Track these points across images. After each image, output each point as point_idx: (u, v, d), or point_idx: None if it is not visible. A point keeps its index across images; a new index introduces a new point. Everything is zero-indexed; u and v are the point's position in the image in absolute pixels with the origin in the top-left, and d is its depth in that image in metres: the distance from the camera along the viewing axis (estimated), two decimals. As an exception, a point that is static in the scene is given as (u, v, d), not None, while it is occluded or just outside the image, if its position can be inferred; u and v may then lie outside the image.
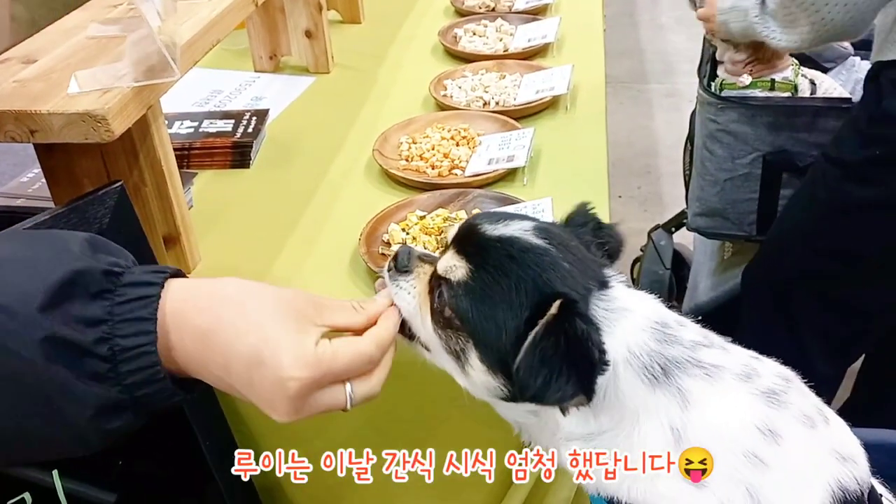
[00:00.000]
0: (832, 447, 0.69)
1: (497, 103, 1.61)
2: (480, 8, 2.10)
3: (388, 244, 1.21)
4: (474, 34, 1.93)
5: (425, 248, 1.19)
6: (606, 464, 0.69)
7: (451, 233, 0.77)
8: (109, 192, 1.02)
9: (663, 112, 3.94)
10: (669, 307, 0.75)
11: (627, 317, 0.69)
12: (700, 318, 0.76)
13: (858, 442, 0.71)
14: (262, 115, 1.54)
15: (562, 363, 0.63)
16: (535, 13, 2.03)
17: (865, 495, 0.68)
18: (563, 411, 0.68)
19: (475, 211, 1.26)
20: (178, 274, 0.61)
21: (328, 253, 1.23)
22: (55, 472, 0.99)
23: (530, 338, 0.64)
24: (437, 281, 0.73)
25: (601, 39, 1.94)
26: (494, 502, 1.14)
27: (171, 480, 1.13)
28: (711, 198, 1.98)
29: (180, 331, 0.57)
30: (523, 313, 0.66)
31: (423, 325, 0.74)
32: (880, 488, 0.72)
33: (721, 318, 1.29)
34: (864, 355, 1.86)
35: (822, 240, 1.57)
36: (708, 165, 1.97)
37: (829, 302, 1.58)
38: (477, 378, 0.71)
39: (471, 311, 0.68)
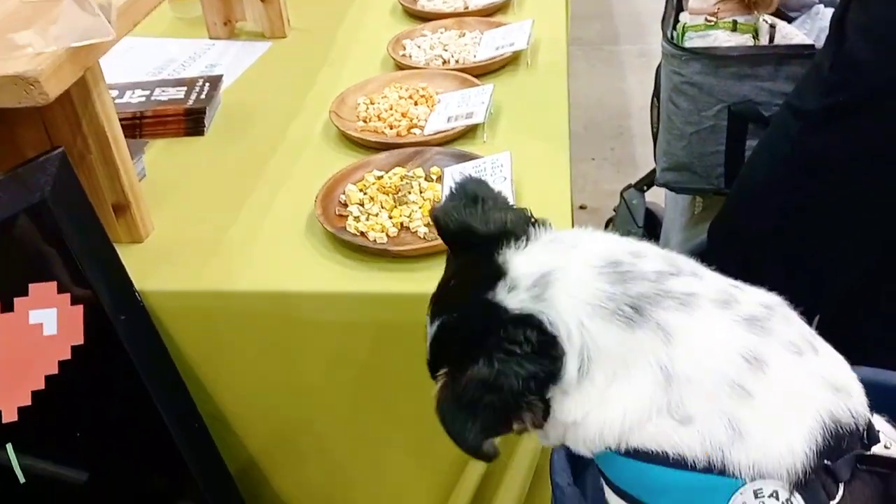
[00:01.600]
0: (823, 377, 0.66)
1: (457, 61, 1.59)
2: (440, -32, 2.06)
3: (345, 205, 1.19)
4: (434, -6, 1.89)
5: (382, 208, 1.17)
6: (608, 414, 0.67)
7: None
8: (51, 159, 0.99)
9: (635, 73, 3.91)
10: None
11: (566, 268, 0.67)
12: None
13: (853, 373, 0.69)
14: (215, 81, 1.51)
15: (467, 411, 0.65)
16: (496, -29, 1.99)
17: (862, 429, 0.66)
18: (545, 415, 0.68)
19: (433, 169, 1.24)
20: None
21: (285, 217, 1.21)
22: (9, 446, 0.97)
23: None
24: None
25: (562, -5, 1.91)
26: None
27: (140, 457, 1.12)
28: (678, 152, 1.96)
29: None
30: None
31: None
32: (884, 426, 0.70)
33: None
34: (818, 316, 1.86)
35: (786, 196, 1.55)
36: (674, 119, 1.95)
37: (792, 260, 1.57)
38: None
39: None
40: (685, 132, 1.93)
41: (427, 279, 1.07)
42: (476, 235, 0.73)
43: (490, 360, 0.64)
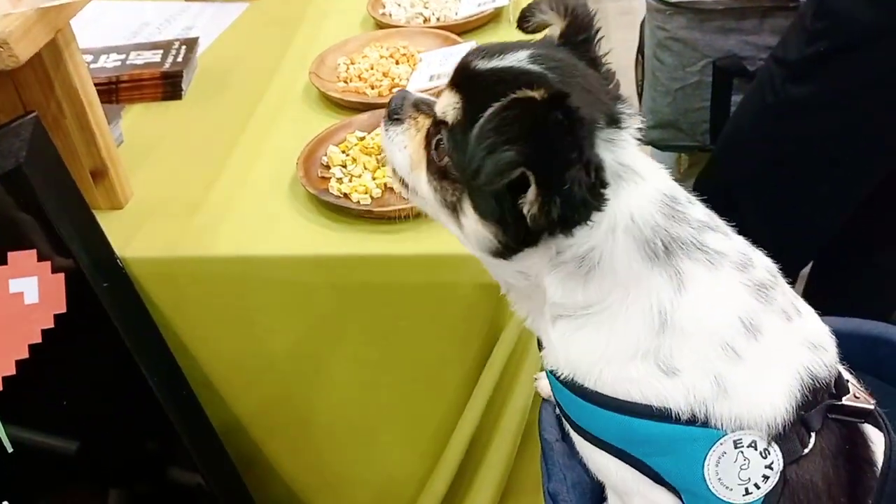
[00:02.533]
0: (804, 336, 0.68)
1: (438, 19, 1.56)
2: (419, -77, 2.01)
3: (328, 167, 1.18)
4: (413, -50, 1.85)
5: (365, 169, 1.16)
6: (588, 341, 0.66)
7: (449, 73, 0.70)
8: (24, 124, 0.97)
9: (620, 30, 3.86)
10: None
11: (637, 181, 0.64)
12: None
13: (829, 330, 0.70)
14: (191, 43, 1.47)
15: (517, 135, 0.56)
16: (476, -74, 1.95)
17: (832, 381, 0.68)
18: (537, 236, 0.62)
19: (416, 128, 1.23)
20: None
21: (266, 180, 1.20)
22: (-5, 417, 0.97)
23: (491, 107, 0.57)
24: (435, 128, 0.67)
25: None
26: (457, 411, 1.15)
27: (129, 424, 1.12)
28: (663, 108, 1.95)
29: None
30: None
31: (420, 180, 0.70)
32: (845, 373, 0.72)
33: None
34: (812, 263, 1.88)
35: (770, 144, 1.55)
36: (658, 75, 1.94)
37: (775, 207, 1.57)
38: (470, 229, 0.66)
39: (465, 154, 0.62)
40: (670, 88, 1.92)
41: (411, 240, 1.06)
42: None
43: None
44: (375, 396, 1.19)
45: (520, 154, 0.56)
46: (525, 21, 0.74)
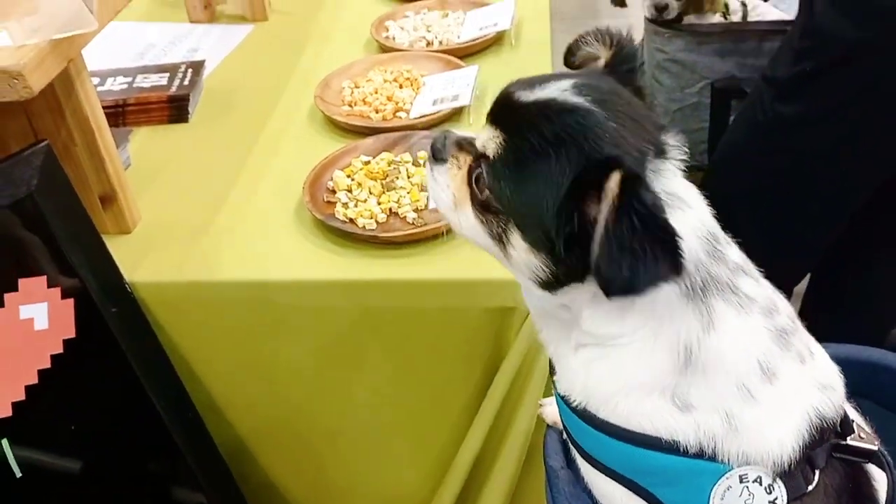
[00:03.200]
0: (816, 378, 0.69)
1: (441, 42, 1.58)
2: (421, -54, 2.04)
3: (333, 191, 1.19)
4: (416, -27, 1.88)
5: (370, 194, 1.17)
6: (610, 371, 0.67)
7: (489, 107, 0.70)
8: (35, 153, 0.99)
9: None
10: None
11: (686, 212, 0.64)
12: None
13: (838, 370, 0.72)
14: (197, 66, 1.49)
15: (643, 246, 0.56)
16: (477, -52, 1.98)
17: (839, 421, 0.69)
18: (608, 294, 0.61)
19: (420, 153, 1.24)
20: None
21: (272, 203, 1.21)
22: (5, 441, 0.97)
23: (600, 229, 0.58)
24: (476, 162, 0.68)
25: (545, -28, 1.90)
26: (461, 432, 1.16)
27: (136, 447, 1.12)
28: None
29: None
30: (566, 182, 0.60)
31: (465, 218, 0.70)
32: (851, 412, 0.73)
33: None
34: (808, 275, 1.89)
35: (761, 159, 1.57)
36: (657, 97, 1.96)
37: (769, 220, 1.59)
38: (519, 259, 0.66)
39: (508, 186, 0.63)
40: (669, 109, 1.95)
41: (416, 265, 1.08)
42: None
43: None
44: (379, 418, 1.20)
45: (657, 260, 0.57)
46: (571, 55, 0.74)
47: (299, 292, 1.09)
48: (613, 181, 0.58)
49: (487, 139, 0.66)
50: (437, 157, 0.73)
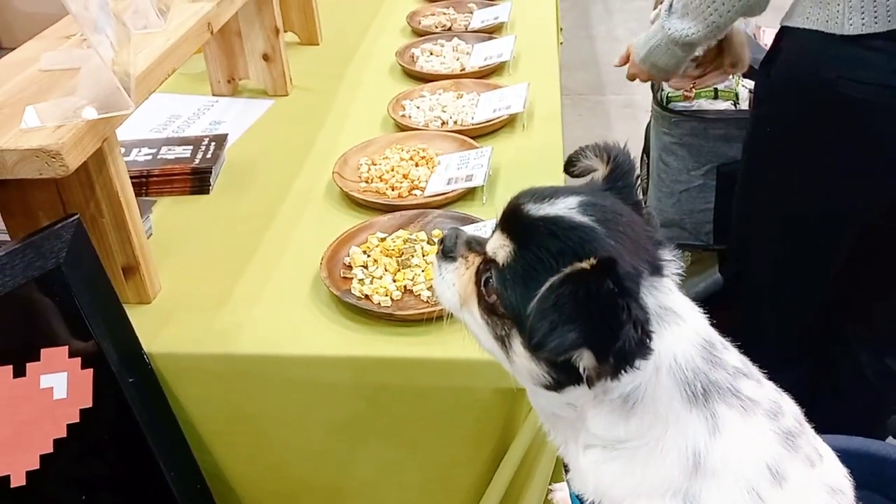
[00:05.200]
0: (825, 482, 0.70)
1: (455, 122, 1.63)
2: (437, 27, 2.12)
3: (350, 267, 1.22)
4: (431, 54, 1.95)
5: (386, 271, 1.20)
6: (621, 473, 0.69)
7: (499, 212, 0.75)
8: (66, 226, 1.02)
9: (621, 122, 4.00)
10: None
11: (679, 324, 0.68)
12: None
13: (846, 473, 0.73)
14: (220, 140, 1.54)
15: (574, 312, 0.60)
16: (491, 32, 2.06)
17: None
18: (590, 383, 0.65)
19: (435, 232, 1.28)
20: None
21: (289, 277, 1.24)
22: (17, 512, 0.98)
23: (548, 283, 0.62)
24: (486, 266, 0.72)
25: (556, 57, 1.97)
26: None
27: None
28: (668, 209, 2.02)
29: None
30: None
31: (472, 315, 0.73)
32: None
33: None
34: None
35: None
36: (664, 177, 2.01)
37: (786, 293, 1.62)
38: (521, 364, 0.69)
39: (514, 294, 0.67)
40: (675, 190, 1.99)
41: (430, 343, 1.10)
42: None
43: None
44: (390, 495, 1.20)
45: (580, 334, 0.61)
46: (571, 165, 0.79)
47: (313, 368, 1.11)
48: (588, 261, 0.62)
49: (498, 247, 0.70)
50: (447, 254, 0.76)
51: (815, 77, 1.32)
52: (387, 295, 1.15)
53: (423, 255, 1.23)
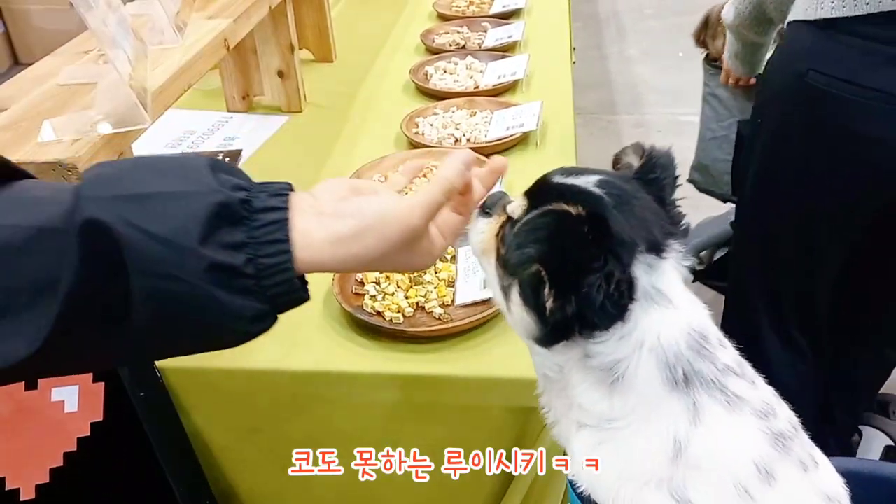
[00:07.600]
0: (820, 489, 0.69)
1: (468, 140, 1.64)
2: (451, 46, 2.13)
3: (362, 283, 1.22)
4: (445, 72, 1.96)
5: (398, 287, 1.20)
6: (609, 459, 0.69)
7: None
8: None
9: (632, 141, 4.00)
10: None
11: (668, 308, 0.68)
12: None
13: (843, 483, 0.72)
14: (234, 155, 1.55)
15: (542, 236, 0.65)
16: (505, 50, 2.07)
17: None
18: (567, 332, 0.68)
19: (448, 249, 1.27)
20: (290, 189, 0.69)
21: (302, 293, 1.24)
22: (26, 524, 0.98)
23: (534, 212, 0.67)
24: (506, 222, 0.76)
25: (570, 76, 1.98)
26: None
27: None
28: (700, 153, 2.17)
29: (310, 247, 0.66)
30: None
31: (489, 265, 0.78)
32: None
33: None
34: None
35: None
36: (701, 124, 2.17)
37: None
38: (517, 314, 0.72)
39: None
40: (705, 136, 2.15)
41: (440, 360, 1.09)
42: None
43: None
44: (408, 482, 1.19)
45: (537, 252, 0.66)
46: (617, 163, 0.83)
47: (324, 384, 1.11)
48: (576, 207, 0.66)
49: (516, 206, 0.75)
50: (485, 210, 0.80)
51: (789, 68, 1.42)
52: (399, 311, 1.15)
53: (436, 273, 1.23)
